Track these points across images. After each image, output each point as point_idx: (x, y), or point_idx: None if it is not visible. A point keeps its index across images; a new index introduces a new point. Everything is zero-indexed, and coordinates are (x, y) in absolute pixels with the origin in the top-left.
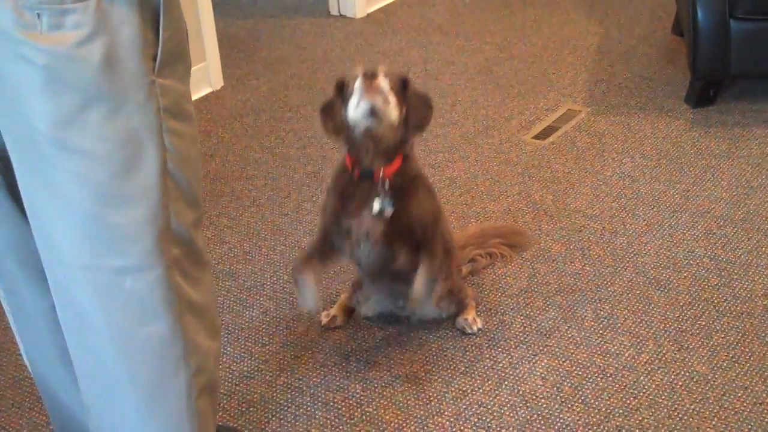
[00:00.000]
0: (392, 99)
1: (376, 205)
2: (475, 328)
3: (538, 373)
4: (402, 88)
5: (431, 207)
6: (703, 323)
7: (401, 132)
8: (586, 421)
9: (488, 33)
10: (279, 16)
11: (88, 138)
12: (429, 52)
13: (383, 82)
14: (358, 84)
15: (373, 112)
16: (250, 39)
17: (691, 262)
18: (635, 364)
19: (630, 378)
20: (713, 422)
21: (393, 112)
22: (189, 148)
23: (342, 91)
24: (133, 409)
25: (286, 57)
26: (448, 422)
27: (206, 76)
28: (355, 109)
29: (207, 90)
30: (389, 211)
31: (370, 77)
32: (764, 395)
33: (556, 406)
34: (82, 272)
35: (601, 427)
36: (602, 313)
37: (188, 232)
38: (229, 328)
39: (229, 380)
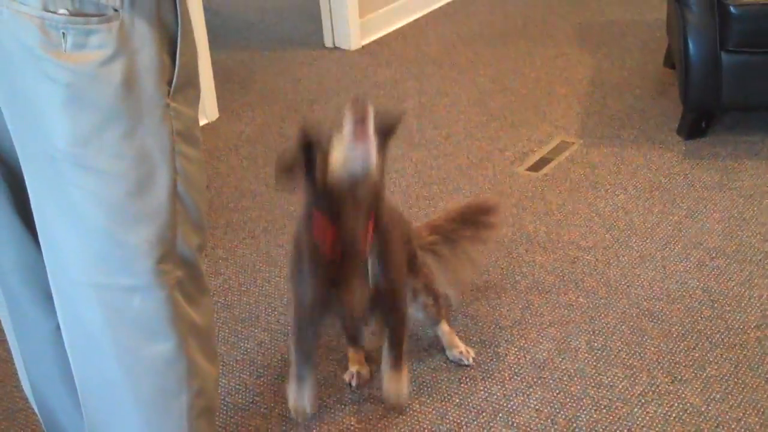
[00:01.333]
0: (376, 155)
1: (371, 281)
2: (470, 359)
3: (532, 405)
4: (388, 131)
5: (399, 262)
6: (697, 355)
7: (375, 185)
8: None
9: (482, 65)
10: (274, 48)
11: (104, 156)
12: (423, 83)
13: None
14: (347, 128)
15: (365, 163)
16: (245, 70)
17: (684, 293)
18: (629, 396)
19: (624, 410)
20: None
21: (375, 163)
22: (197, 173)
23: (309, 143)
24: (134, 428)
25: (281, 88)
26: None
27: (201, 108)
28: (344, 160)
29: (202, 121)
30: (380, 278)
31: (360, 121)
32: (757, 427)
33: None
34: (91, 290)
35: None
36: (596, 344)
37: (193, 256)
38: (224, 360)
39: (224, 412)
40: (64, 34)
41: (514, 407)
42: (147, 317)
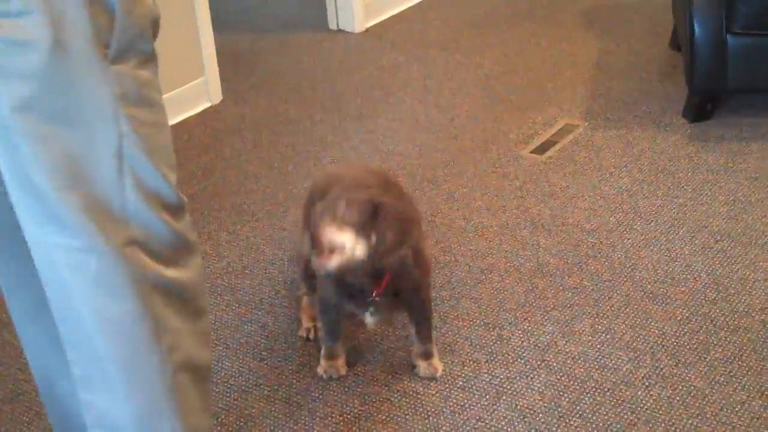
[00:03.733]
0: (351, 244)
1: (368, 319)
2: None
3: (536, 388)
4: (372, 216)
5: (428, 272)
6: (701, 338)
7: (373, 263)
8: None
9: (487, 48)
10: (278, 30)
11: (43, 122)
12: (427, 66)
13: (339, 231)
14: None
15: (329, 268)
16: (249, 54)
17: (688, 276)
18: (633, 379)
19: (627, 393)
20: None
21: (354, 253)
22: (154, 136)
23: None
24: (116, 385)
25: (284, 71)
26: None
27: (205, 91)
28: (314, 264)
29: (206, 104)
30: (379, 319)
31: (320, 246)
32: (761, 410)
33: (554, 420)
34: (53, 250)
35: None
36: (600, 327)
37: (160, 220)
38: (228, 343)
39: (227, 395)
40: None
41: (517, 390)
42: (105, 277)
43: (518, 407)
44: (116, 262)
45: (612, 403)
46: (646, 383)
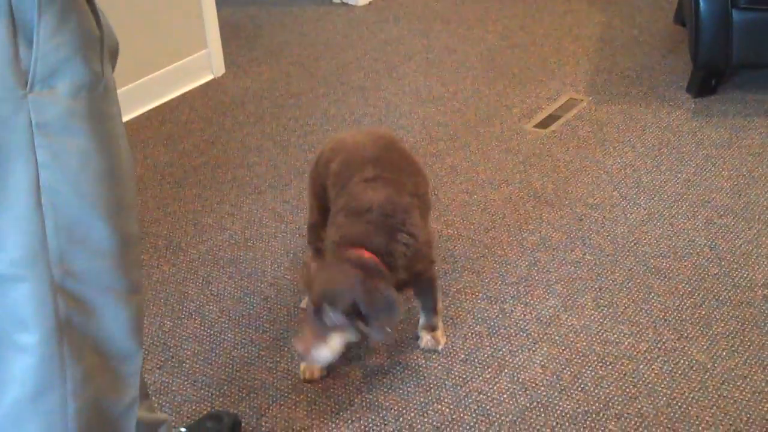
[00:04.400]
0: (335, 339)
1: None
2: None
3: (538, 361)
4: (354, 306)
5: (431, 248)
6: (703, 312)
7: (366, 335)
8: (586, 409)
9: (490, 21)
10: (281, 3)
11: None
12: (430, 40)
13: (315, 342)
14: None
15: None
16: (252, 26)
17: (691, 251)
18: (635, 353)
19: (629, 366)
20: (712, 411)
21: (344, 340)
22: (83, 166)
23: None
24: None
25: (287, 44)
26: (447, 409)
27: (208, 63)
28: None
29: (209, 77)
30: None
31: (302, 351)
32: (763, 384)
33: (556, 394)
34: None
35: (601, 414)
36: (602, 301)
37: (89, 259)
38: (230, 315)
39: (230, 366)
40: None
41: (519, 363)
42: (18, 308)
43: (520, 380)
44: (27, 297)
45: (614, 377)
46: (648, 357)
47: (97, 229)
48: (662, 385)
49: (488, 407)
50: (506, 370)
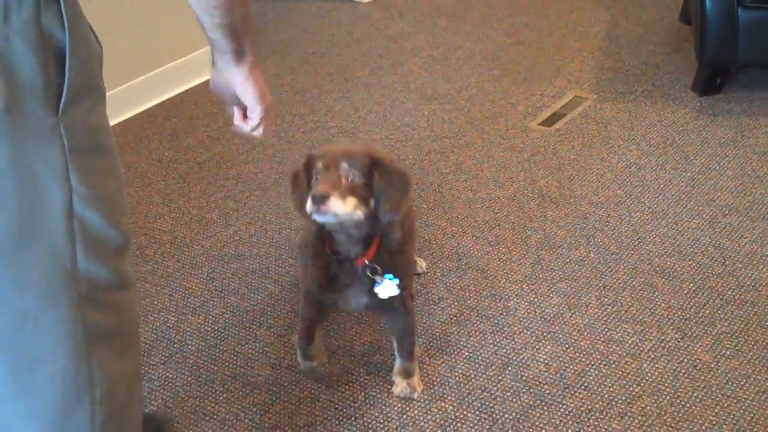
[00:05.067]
0: (351, 199)
1: (351, 298)
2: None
3: (542, 360)
4: (370, 170)
5: (411, 268)
6: (707, 311)
7: (371, 220)
8: (589, 407)
9: (495, 18)
10: None
11: None
12: (436, 37)
13: (336, 193)
14: (313, 185)
15: (326, 219)
16: (257, 22)
17: (695, 250)
18: (638, 352)
19: (633, 365)
20: (716, 410)
21: (354, 208)
22: (103, 182)
23: (309, 169)
24: None
25: (292, 40)
26: (450, 407)
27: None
28: (311, 210)
29: None
30: (362, 300)
31: (321, 196)
32: (767, 384)
33: (559, 392)
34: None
35: (604, 413)
36: (606, 300)
37: (105, 267)
38: (234, 311)
39: (234, 363)
40: None
41: (523, 361)
42: (41, 338)
43: (524, 378)
44: (58, 322)
45: (617, 375)
46: (652, 356)
47: (113, 238)
48: (666, 384)
49: (492, 405)
50: (510, 368)
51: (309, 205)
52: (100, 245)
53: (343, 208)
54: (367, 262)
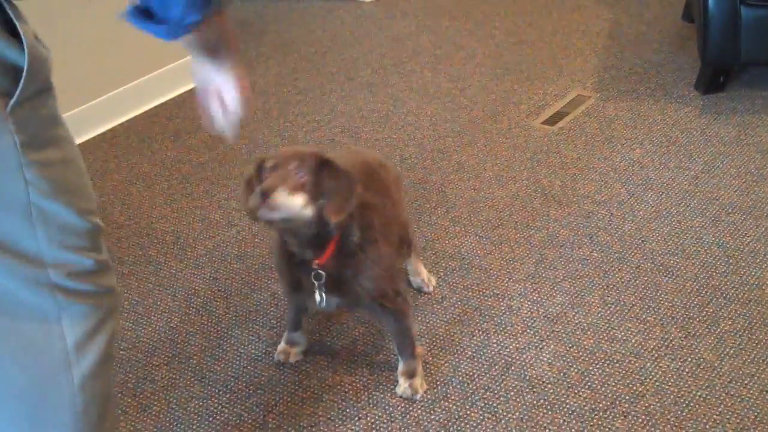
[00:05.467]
0: (299, 195)
1: (317, 298)
2: (431, 287)
3: (545, 359)
4: (319, 170)
5: (383, 268)
6: (711, 310)
7: (320, 221)
8: (593, 406)
9: (498, 17)
10: None
11: None
12: (438, 36)
13: (283, 187)
14: (257, 188)
15: (273, 215)
16: (259, 22)
17: (699, 249)
18: (642, 351)
19: (637, 364)
20: (719, 409)
21: (302, 206)
22: (62, 173)
23: (261, 173)
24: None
25: (295, 40)
26: (454, 406)
27: None
28: (257, 206)
29: None
30: (332, 302)
31: (267, 190)
32: None
33: (563, 391)
34: None
35: (608, 412)
36: (609, 299)
37: (76, 255)
38: (238, 311)
39: (237, 363)
40: None
41: (526, 360)
42: (14, 299)
43: (527, 378)
44: (35, 304)
45: (621, 375)
46: (656, 355)
47: (80, 226)
48: (669, 383)
49: (495, 404)
50: (513, 368)
51: (255, 200)
52: (67, 234)
53: (290, 203)
54: (316, 265)
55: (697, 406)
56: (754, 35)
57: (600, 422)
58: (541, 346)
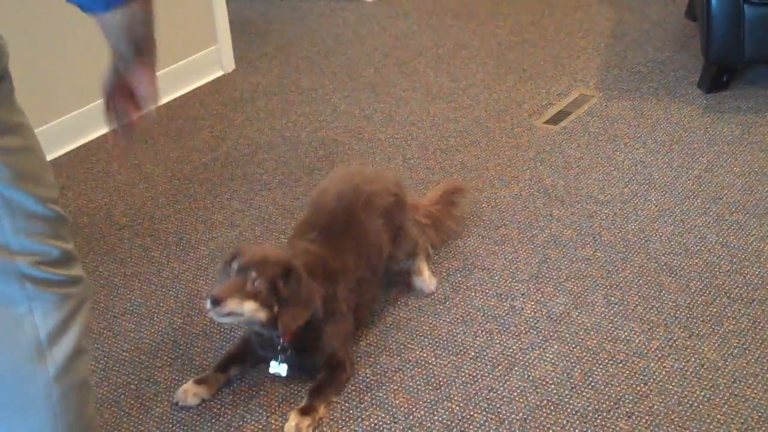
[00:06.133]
0: (249, 303)
1: (272, 368)
2: (432, 287)
3: (548, 359)
4: (278, 279)
5: (341, 339)
6: (714, 310)
7: (274, 324)
8: (596, 407)
9: (500, 16)
10: None
11: None
12: (441, 35)
13: (236, 295)
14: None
15: (222, 319)
16: (261, 21)
17: (702, 248)
18: (646, 351)
19: (640, 364)
20: (723, 409)
21: (253, 312)
22: (23, 161)
23: (230, 264)
24: None
25: (297, 40)
26: (457, 407)
27: (218, 59)
28: (208, 309)
29: (218, 73)
30: (285, 371)
31: (216, 299)
32: None
33: (566, 391)
34: None
35: (611, 413)
36: (613, 299)
37: (41, 244)
38: None
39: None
40: None
41: (530, 361)
42: None
43: (530, 378)
44: (5, 293)
45: (624, 375)
46: (659, 355)
47: (44, 214)
48: (673, 384)
49: (498, 405)
50: (516, 368)
51: (208, 304)
52: (32, 223)
53: (240, 309)
54: (282, 342)
55: (700, 406)
56: (757, 33)
57: (603, 423)
58: (544, 346)
